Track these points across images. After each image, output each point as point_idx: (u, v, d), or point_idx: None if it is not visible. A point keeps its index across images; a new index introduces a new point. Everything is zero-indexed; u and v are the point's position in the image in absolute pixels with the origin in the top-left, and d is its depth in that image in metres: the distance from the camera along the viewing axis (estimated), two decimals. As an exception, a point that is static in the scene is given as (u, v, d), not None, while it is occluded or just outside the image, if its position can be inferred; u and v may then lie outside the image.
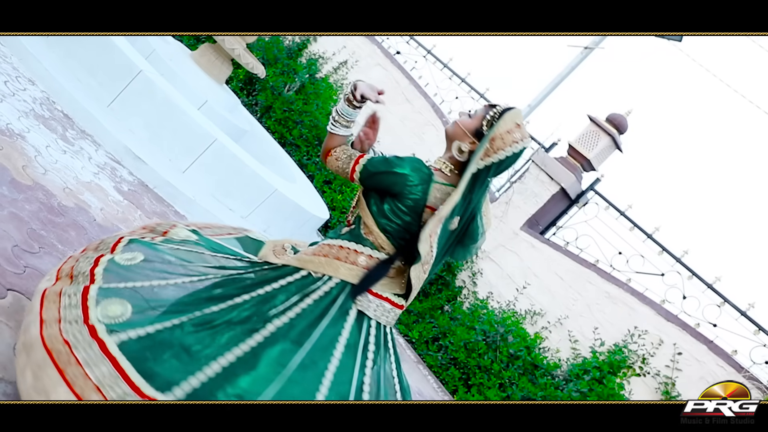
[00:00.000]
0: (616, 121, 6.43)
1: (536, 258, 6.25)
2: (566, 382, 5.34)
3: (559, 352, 5.71)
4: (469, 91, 8.14)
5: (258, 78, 7.54)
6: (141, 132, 4.01)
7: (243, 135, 5.55)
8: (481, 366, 5.49)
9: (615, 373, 5.29)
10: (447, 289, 6.29)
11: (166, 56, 4.95)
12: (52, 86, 3.62)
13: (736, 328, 5.33)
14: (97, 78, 3.94)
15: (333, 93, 8.04)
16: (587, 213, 6.48)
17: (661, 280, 5.79)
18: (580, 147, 6.43)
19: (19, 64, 3.59)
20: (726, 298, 5.45)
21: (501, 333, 5.58)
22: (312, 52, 8.50)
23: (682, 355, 5.25)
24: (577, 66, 10.28)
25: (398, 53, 8.66)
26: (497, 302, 6.18)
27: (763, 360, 5.11)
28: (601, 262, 6.09)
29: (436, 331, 5.86)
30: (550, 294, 6.02)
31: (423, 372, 5.52)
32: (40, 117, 3.26)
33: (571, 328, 5.79)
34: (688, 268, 5.71)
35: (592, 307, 5.81)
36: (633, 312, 5.61)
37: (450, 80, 8.32)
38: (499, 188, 7.22)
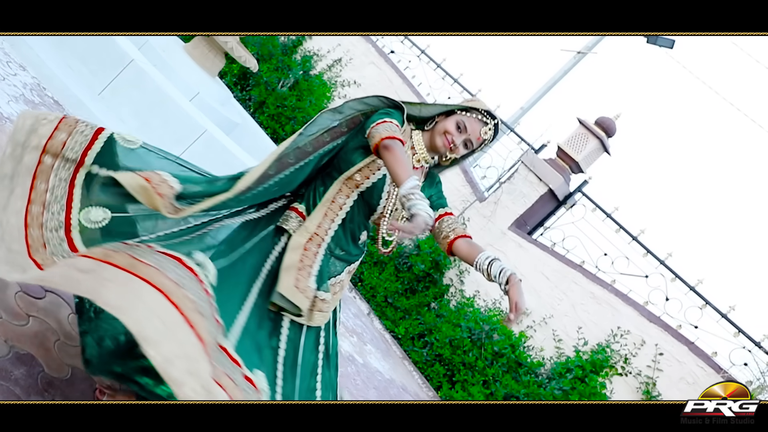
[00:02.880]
0: (605, 124, 6.50)
1: (523, 258, 6.31)
2: (549, 380, 5.40)
3: (543, 351, 5.77)
4: (462, 92, 8.20)
5: (252, 73, 7.56)
6: (131, 121, 4.03)
7: (234, 128, 5.57)
8: (466, 363, 5.53)
9: (597, 372, 5.35)
10: (434, 286, 6.34)
11: (159, 47, 4.96)
12: (43, 72, 3.64)
13: (716, 330, 5.41)
14: (89, 66, 3.95)
15: (327, 90, 8.08)
16: (574, 214, 6.54)
17: (644, 282, 5.87)
18: (568, 149, 6.50)
19: (10, 50, 3.60)
20: (708, 301, 5.53)
21: (486, 331, 5.63)
22: (307, 49, 8.54)
23: (664, 355, 5.32)
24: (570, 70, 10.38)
25: (392, 52, 8.70)
26: (483, 300, 6.23)
27: (742, 362, 5.20)
28: (586, 263, 6.16)
29: (422, 327, 5.90)
30: (535, 293, 6.08)
31: (408, 368, 5.56)
32: (30, 102, 3.27)
33: (555, 327, 5.85)
34: (672, 271, 5.79)
35: (576, 307, 5.87)
36: (616, 312, 5.68)
37: (443, 80, 8.37)
38: (488, 188, 7.28)
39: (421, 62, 8.58)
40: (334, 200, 1.84)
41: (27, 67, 3.60)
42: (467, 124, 1.90)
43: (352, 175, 1.84)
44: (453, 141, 1.89)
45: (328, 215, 1.83)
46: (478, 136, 1.91)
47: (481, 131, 1.91)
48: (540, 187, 6.48)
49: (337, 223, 1.84)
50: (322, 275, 1.80)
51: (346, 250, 1.88)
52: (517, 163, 6.91)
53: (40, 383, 1.70)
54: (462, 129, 1.90)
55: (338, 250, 1.86)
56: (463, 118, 1.91)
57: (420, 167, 1.94)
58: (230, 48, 5.07)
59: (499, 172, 7.38)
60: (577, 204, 6.59)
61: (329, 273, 1.84)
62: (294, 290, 1.70)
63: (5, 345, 1.71)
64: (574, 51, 10.20)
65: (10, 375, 1.64)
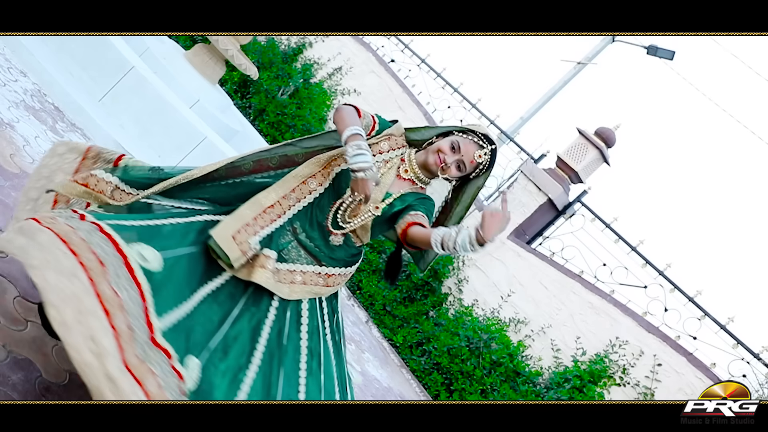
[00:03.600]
0: (605, 134, 6.52)
1: (522, 267, 6.31)
2: (547, 390, 5.38)
3: (541, 360, 5.75)
4: (462, 101, 8.23)
5: (252, 81, 7.59)
6: (131, 127, 4.04)
7: (234, 135, 5.58)
8: (464, 372, 5.52)
9: (595, 382, 5.33)
10: (433, 295, 6.33)
11: (160, 54, 4.98)
12: (44, 79, 3.65)
13: (715, 341, 5.40)
14: (90, 72, 3.97)
15: (327, 98, 8.10)
16: (573, 224, 6.55)
17: (643, 293, 5.86)
18: (568, 159, 6.51)
19: (11, 56, 3.62)
20: (706, 312, 5.52)
21: (484, 340, 5.62)
22: (307, 57, 8.57)
23: (662, 366, 5.31)
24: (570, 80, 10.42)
25: (392, 61, 8.74)
26: (482, 309, 6.22)
27: (741, 373, 5.18)
28: (585, 273, 6.15)
29: (420, 336, 5.89)
30: (534, 303, 6.08)
31: (406, 376, 5.55)
32: (31, 108, 3.28)
33: (553, 337, 5.84)
34: (671, 281, 5.78)
35: (575, 317, 5.87)
36: (615, 323, 5.67)
37: (443, 89, 8.40)
38: (487, 197, 7.29)
39: (422, 71, 8.61)
40: (305, 182, 1.85)
41: (28, 73, 3.62)
42: (462, 145, 1.90)
43: (329, 162, 1.87)
44: (444, 160, 1.89)
45: (296, 193, 1.84)
46: (471, 159, 1.90)
47: (476, 154, 1.90)
48: (539, 196, 6.49)
49: (302, 204, 1.84)
50: (271, 241, 1.77)
51: (311, 237, 1.84)
52: (516, 173, 6.92)
53: (37, 388, 1.70)
54: (456, 149, 1.90)
55: (303, 234, 1.84)
56: (458, 139, 1.91)
57: (408, 180, 1.94)
58: (231, 55, 5.09)
59: (499, 181, 7.40)
60: (576, 214, 6.59)
61: (280, 247, 1.80)
62: (229, 240, 1.67)
63: (3, 350, 1.71)
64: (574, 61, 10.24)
65: (8, 380, 1.64)
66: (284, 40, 8.60)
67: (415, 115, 7.82)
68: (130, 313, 1.36)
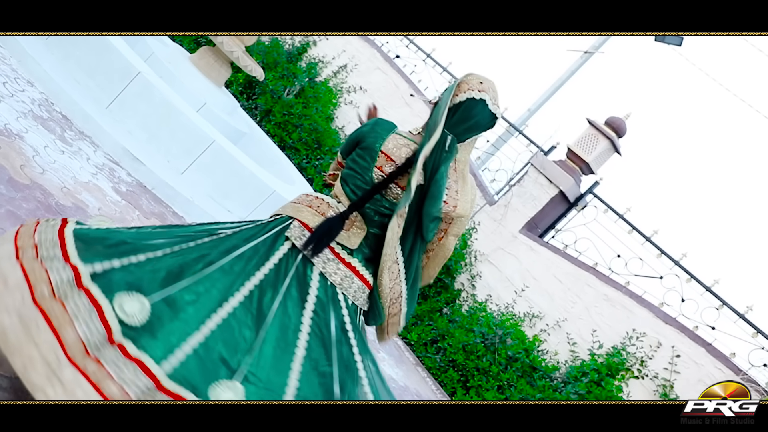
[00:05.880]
0: (615, 124, 6.44)
1: (535, 261, 6.25)
2: (564, 385, 5.33)
3: (557, 355, 5.70)
4: (468, 95, 8.15)
5: (258, 81, 7.57)
6: (139, 133, 4.03)
7: (242, 137, 5.57)
8: (480, 368, 5.48)
9: (613, 375, 5.28)
10: (446, 291, 6.29)
11: (165, 59, 4.97)
12: (50, 88, 3.64)
13: (734, 330, 5.32)
14: (96, 80, 3.96)
15: (332, 97, 8.07)
16: (586, 216, 6.48)
17: (659, 283, 5.79)
18: (579, 150, 6.44)
19: (18, 66, 3.62)
20: (724, 301, 5.45)
21: (499, 335, 5.58)
22: (312, 56, 8.53)
23: (681, 357, 5.24)
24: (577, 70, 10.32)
25: (398, 57, 8.68)
26: (496, 305, 6.18)
27: (762, 363, 5.11)
28: (599, 265, 6.09)
29: (434, 333, 5.86)
30: (548, 296, 6.02)
31: (422, 374, 5.52)
32: (39, 118, 3.28)
33: (569, 331, 5.78)
34: (687, 271, 5.71)
35: (590, 310, 5.81)
36: (631, 314, 5.61)
37: (449, 84, 8.33)
38: (498, 191, 7.23)
39: (427, 66, 8.55)
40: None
41: (34, 82, 3.61)
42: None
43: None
44: None
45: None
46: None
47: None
48: (550, 189, 6.43)
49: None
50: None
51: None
52: (526, 166, 6.86)
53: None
54: None
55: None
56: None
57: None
58: (236, 57, 5.07)
59: (509, 174, 7.33)
60: (588, 205, 6.52)
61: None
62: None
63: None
64: (581, 51, 10.14)
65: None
66: (288, 39, 8.57)
67: (422, 110, 7.77)
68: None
